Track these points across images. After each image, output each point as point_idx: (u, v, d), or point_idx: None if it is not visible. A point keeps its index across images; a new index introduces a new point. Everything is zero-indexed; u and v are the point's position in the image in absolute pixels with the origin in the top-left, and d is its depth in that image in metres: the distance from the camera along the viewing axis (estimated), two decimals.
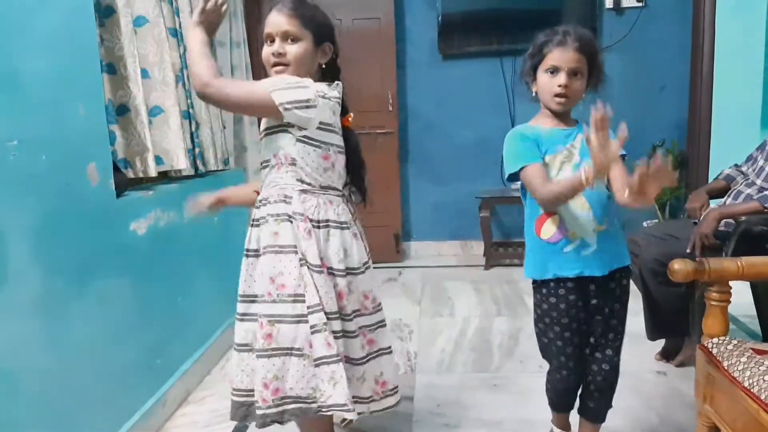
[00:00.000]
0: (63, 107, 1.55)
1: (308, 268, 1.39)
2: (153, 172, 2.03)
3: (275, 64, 1.42)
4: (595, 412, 1.56)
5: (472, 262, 3.97)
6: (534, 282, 1.52)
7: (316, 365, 1.40)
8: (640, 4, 3.84)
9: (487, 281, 3.56)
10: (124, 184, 1.88)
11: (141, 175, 2.03)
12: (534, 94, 1.48)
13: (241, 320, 1.49)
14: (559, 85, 1.40)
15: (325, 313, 1.39)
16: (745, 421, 1.23)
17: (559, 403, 1.62)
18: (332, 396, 1.39)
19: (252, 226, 1.49)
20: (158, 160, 2.11)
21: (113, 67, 1.94)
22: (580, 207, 1.43)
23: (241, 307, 1.50)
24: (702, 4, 3.67)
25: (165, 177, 2.28)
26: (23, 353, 1.36)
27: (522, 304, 3.08)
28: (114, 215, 1.77)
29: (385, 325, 1.60)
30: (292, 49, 1.41)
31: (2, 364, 1.29)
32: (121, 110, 1.97)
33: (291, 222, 1.41)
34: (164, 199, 2.08)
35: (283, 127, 1.41)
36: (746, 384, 1.21)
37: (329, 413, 1.44)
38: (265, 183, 1.48)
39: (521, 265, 1.58)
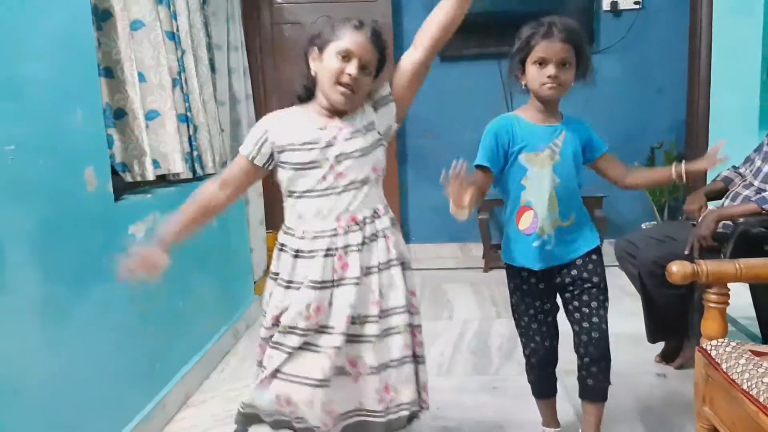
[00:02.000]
0: (60, 111, 1.55)
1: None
2: (151, 175, 2.03)
3: (346, 86, 1.32)
4: (596, 390, 1.58)
5: (471, 265, 3.97)
6: (507, 268, 1.63)
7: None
8: (637, 6, 3.85)
9: (486, 283, 3.56)
10: (122, 188, 1.88)
11: (139, 178, 2.02)
12: (524, 86, 1.52)
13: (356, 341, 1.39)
14: (549, 76, 1.44)
15: None
16: (744, 423, 1.23)
17: (538, 384, 1.69)
18: None
19: (353, 251, 1.37)
20: (156, 163, 2.11)
21: (110, 71, 1.94)
22: (551, 206, 1.51)
23: (377, 327, 1.39)
24: (699, 5, 3.68)
25: (163, 180, 2.28)
26: (22, 358, 1.36)
27: None
28: (112, 219, 1.77)
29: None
30: (366, 80, 1.36)
31: (2, 368, 1.29)
32: (119, 114, 1.97)
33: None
34: (162, 203, 2.07)
35: (380, 140, 1.41)
36: (745, 386, 1.20)
37: None
38: (356, 202, 1.38)
39: None
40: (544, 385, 1.70)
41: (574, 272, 1.57)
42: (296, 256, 1.38)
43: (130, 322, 1.83)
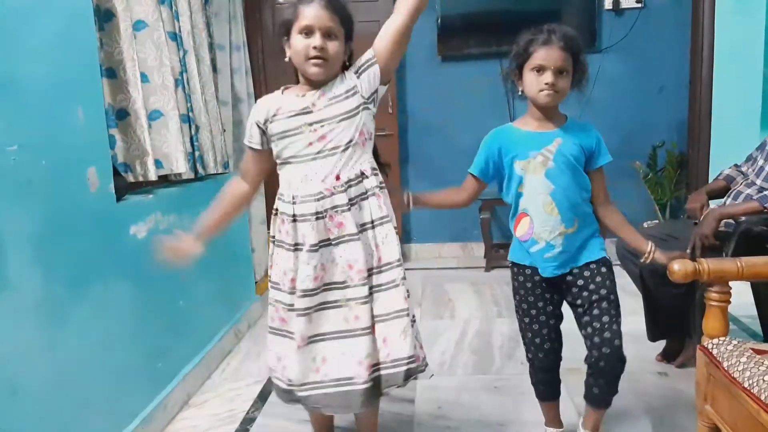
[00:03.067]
0: (63, 112, 1.55)
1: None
2: (153, 175, 2.03)
3: (315, 57, 1.40)
4: (600, 398, 1.58)
5: (473, 264, 3.97)
6: (512, 266, 1.64)
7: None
8: (640, 5, 3.84)
9: (487, 283, 3.56)
10: (124, 188, 1.89)
11: (141, 179, 2.03)
12: (520, 93, 1.53)
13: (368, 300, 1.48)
14: (546, 83, 1.44)
15: None
16: (745, 421, 1.23)
17: (541, 388, 1.69)
18: None
19: (343, 211, 1.44)
20: (158, 163, 2.11)
21: (113, 72, 1.95)
22: (548, 211, 1.51)
23: (365, 290, 1.46)
24: (701, 4, 3.68)
25: (165, 181, 2.28)
26: (24, 358, 1.37)
27: None
28: (114, 219, 1.77)
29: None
30: (333, 46, 1.42)
31: (3, 369, 1.30)
32: (121, 114, 1.97)
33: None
34: (164, 203, 2.08)
35: (364, 104, 1.47)
36: (746, 384, 1.20)
37: None
38: (340, 164, 1.45)
39: None
40: (546, 388, 1.69)
41: (580, 282, 1.55)
42: (294, 221, 1.46)
43: (131, 322, 1.83)
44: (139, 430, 1.80)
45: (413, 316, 1.55)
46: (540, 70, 1.45)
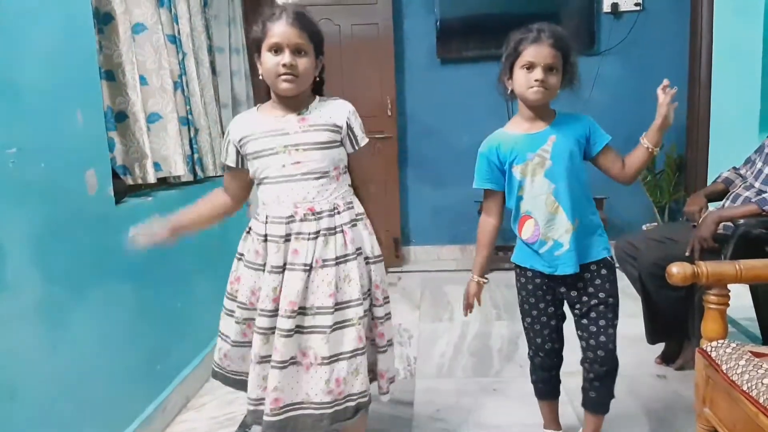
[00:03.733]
0: (62, 114, 1.55)
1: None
2: (152, 178, 2.03)
3: (286, 75, 1.41)
4: (597, 403, 1.59)
5: (472, 266, 3.96)
6: (515, 267, 1.65)
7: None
8: (638, 8, 3.85)
9: (486, 285, 3.54)
10: (123, 191, 1.89)
11: (140, 181, 2.03)
12: (510, 92, 1.53)
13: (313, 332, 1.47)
14: (536, 80, 1.44)
15: None
16: (744, 424, 1.23)
17: (541, 387, 1.70)
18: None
19: (305, 239, 1.45)
20: (157, 166, 2.11)
21: (112, 74, 1.95)
22: (552, 209, 1.50)
23: (332, 318, 1.45)
24: (700, 7, 3.68)
25: (164, 183, 2.28)
26: (23, 360, 1.36)
27: None
28: (113, 222, 1.77)
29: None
30: (303, 62, 1.42)
31: (2, 371, 1.29)
32: (120, 117, 1.97)
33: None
34: (163, 206, 2.07)
35: (339, 142, 1.50)
36: (745, 387, 1.20)
37: None
38: (314, 192, 1.47)
39: None
40: (545, 387, 1.70)
41: (580, 284, 1.55)
42: (265, 240, 1.48)
43: (130, 325, 1.83)
44: None
45: (389, 341, 1.60)
46: (530, 67, 1.45)
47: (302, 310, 1.45)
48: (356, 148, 1.53)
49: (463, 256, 4.20)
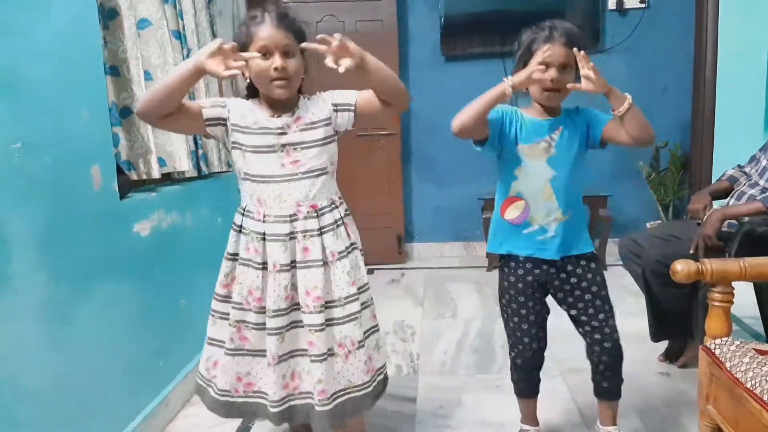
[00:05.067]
0: (67, 110, 1.56)
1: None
2: (156, 173, 2.04)
3: (278, 79, 1.39)
4: (611, 390, 1.63)
5: (475, 264, 3.97)
6: (500, 260, 1.65)
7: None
8: (643, 5, 3.84)
9: (489, 282, 3.55)
10: (127, 186, 1.89)
11: (144, 176, 2.03)
12: (525, 90, 1.53)
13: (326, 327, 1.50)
14: (551, 80, 1.45)
15: None
16: (747, 421, 1.23)
17: (523, 385, 1.69)
18: None
19: (312, 236, 1.47)
20: (161, 161, 2.11)
21: (116, 70, 1.95)
22: (546, 197, 1.52)
23: (359, 304, 1.52)
24: (705, 4, 3.67)
25: (168, 179, 2.29)
26: (27, 355, 1.37)
27: None
28: (117, 217, 1.77)
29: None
30: (292, 64, 1.41)
31: (6, 366, 1.30)
32: (125, 112, 1.98)
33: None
34: (168, 201, 2.08)
35: (335, 135, 1.51)
36: (748, 385, 1.20)
37: None
38: (315, 190, 1.48)
39: None
40: (527, 386, 1.70)
41: (573, 280, 1.57)
42: (263, 239, 1.47)
43: (134, 320, 1.84)
44: (142, 427, 1.80)
45: (376, 327, 1.64)
46: (544, 66, 1.45)
47: (330, 304, 1.49)
48: (353, 109, 1.49)
49: (467, 254, 4.20)
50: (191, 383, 2.19)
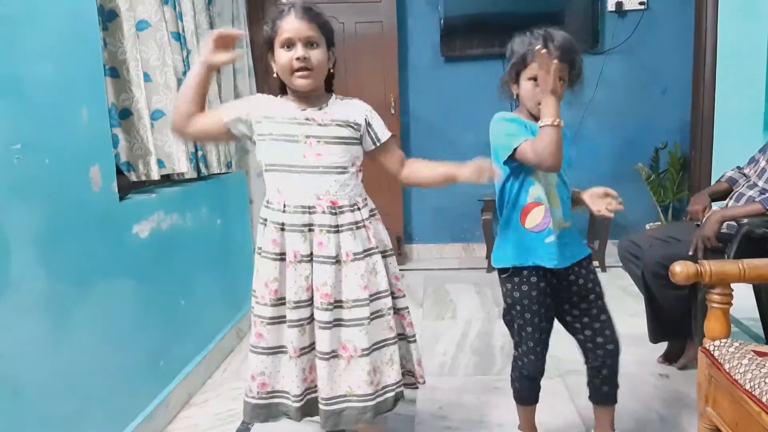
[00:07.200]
0: (66, 111, 1.56)
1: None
2: (155, 175, 2.04)
3: (300, 69, 1.40)
4: (610, 396, 1.61)
5: (474, 265, 3.97)
6: (504, 272, 1.59)
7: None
8: (642, 7, 3.85)
9: (489, 283, 3.56)
10: (126, 187, 1.89)
11: (144, 178, 2.03)
12: (515, 96, 1.53)
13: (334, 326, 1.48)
14: None
15: None
16: (746, 423, 1.22)
17: (526, 394, 1.65)
18: None
19: (328, 232, 1.46)
20: (160, 163, 2.12)
21: (116, 71, 1.95)
22: (555, 204, 1.52)
23: (368, 310, 1.49)
24: (704, 6, 3.67)
25: (167, 180, 2.29)
26: (26, 356, 1.37)
27: None
28: (117, 218, 1.78)
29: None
30: (316, 55, 1.42)
31: (6, 367, 1.30)
32: (124, 114, 1.98)
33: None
34: (167, 202, 2.08)
35: (358, 139, 1.51)
36: (747, 386, 1.20)
37: None
38: (336, 187, 1.47)
39: None
40: (531, 394, 1.66)
41: (581, 281, 1.56)
42: (282, 229, 1.46)
43: (133, 321, 1.84)
44: (141, 428, 1.80)
45: (413, 336, 1.64)
46: (537, 79, 1.43)
47: (338, 303, 1.47)
48: (377, 143, 1.53)
49: (466, 255, 4.21)
50: (191, 384, 2.20)
